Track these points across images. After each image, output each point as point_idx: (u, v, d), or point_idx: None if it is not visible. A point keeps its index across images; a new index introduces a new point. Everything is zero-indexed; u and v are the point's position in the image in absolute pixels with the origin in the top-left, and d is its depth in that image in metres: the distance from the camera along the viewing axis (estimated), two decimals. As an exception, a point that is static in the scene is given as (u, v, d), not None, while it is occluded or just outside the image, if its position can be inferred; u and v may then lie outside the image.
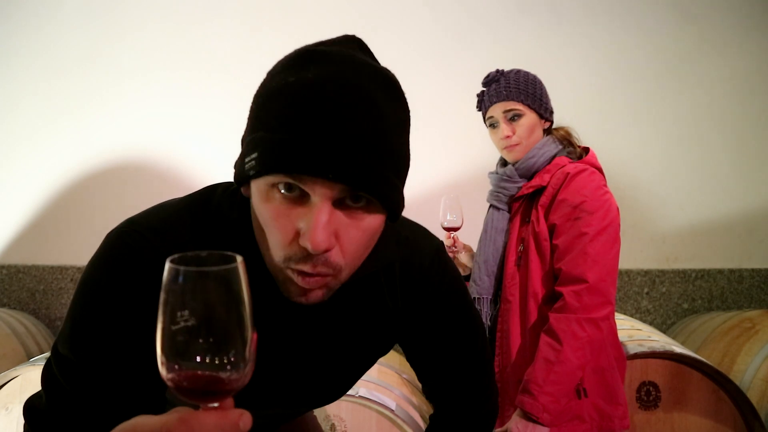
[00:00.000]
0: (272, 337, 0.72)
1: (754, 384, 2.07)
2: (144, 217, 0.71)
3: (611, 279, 1.38)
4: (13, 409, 1.71)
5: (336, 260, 0.61)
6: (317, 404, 0.93)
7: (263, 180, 0.60)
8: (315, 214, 0.58)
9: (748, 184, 2.79)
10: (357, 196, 0.60)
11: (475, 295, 1.58)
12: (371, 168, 0.58)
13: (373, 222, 0.63)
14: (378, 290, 0.80)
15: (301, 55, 0.63)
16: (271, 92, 0.61)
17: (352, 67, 0.60)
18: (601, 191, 1.43)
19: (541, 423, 1.33)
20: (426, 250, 0.84)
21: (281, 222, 0.60)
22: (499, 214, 1.59)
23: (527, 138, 1.50)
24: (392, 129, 0.62)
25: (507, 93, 1.49)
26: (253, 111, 0.64)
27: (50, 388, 0.68)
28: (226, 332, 0.41)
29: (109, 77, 2.64)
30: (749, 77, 2.79)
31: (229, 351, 0.41)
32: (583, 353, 1.34)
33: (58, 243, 2.66)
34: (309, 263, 0.60)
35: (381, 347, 0.87)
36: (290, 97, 0.58)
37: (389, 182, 0.61)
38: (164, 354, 0.41)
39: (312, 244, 0.57)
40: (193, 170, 2.65)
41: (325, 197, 0.58)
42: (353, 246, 0.62)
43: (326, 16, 2.65)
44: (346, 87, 0.58)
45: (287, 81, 0.60)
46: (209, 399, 0.42)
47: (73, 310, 0.67)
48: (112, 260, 0.67)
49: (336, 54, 0.62)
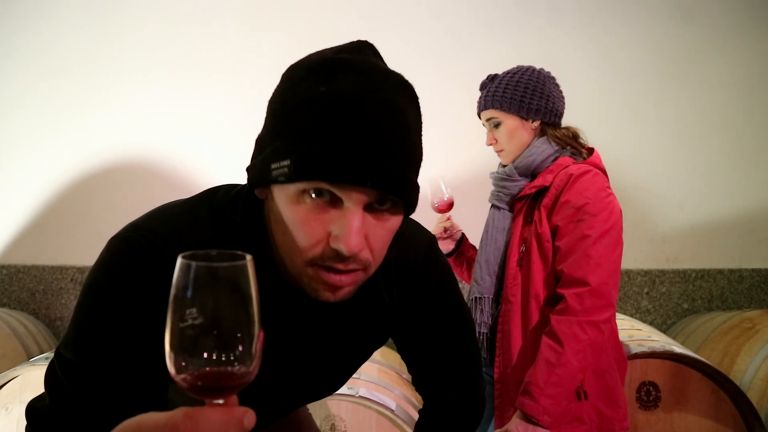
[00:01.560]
0: (271, 332, 0.73)
1: (754, 384, 2.07)
2: (147, 221, 0.71)
3: (613, 282, 1.38)
4: (13, 409, 1.71)
5: (366, 257, 0.64)
6: (313, 398, 0.94)
7: (293, 185, 0.62)
8: (349, 218, 0.61)
9: (748, 184, 2.79)
10: (383, 200, 0.64)
11: (476, 295, 1.57)
12: (402, 174, 0.63)
13: (396, 222, 0.67)
14: (375, 285, 0.82)
15: (326, 63, 0.64)
16: (299, 101, 0.63)
17: (378, 78, 0.64)
18: (604, 193, 1.42)
19: (541, 425, 1.33)
20: (420, 245, 0.87)
21: (311, 225, 0.63)
22: (500, 213, 1.59)
23: (509, 143, 1.54)
24: (414, 133, 0.67)
25: (485, 102, 1.55)
26: (279, 117, 0.65)
27: (54, 390, 0.69)
28: (234, 329, 0.42)
29: (109, 77, 2.64)
30: (749, 77, 2.79)
31: (236, 348, 0.42)
32: (584, 356, 1.34)
33: (58, 243, 2.66)
34: (340, 263, 0.63)
35: (376, 340, 0.90)
36: (323, 108, 0.61)
37: (412, 184, 0.66)
38: (172, 349, 0.41)
39: (347, 248, 0.60)
40: (193, 170, 2.65)
41: (358, 202, 0.62)
42: (380, 245, 0.66)
43: (326, 16, 2.65)
44: (378, 99, 0.62)
45: (319, 91, 0.62)
46: (215, 395, 0.43)
47: (77, 315, 0.68)
48: (118, 266, 0.67)
49: (361, 64, 0.65)
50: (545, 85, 1.52)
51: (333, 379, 0.90)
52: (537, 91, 1.51)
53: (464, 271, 1.79)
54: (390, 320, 0.86)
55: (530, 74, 1.53)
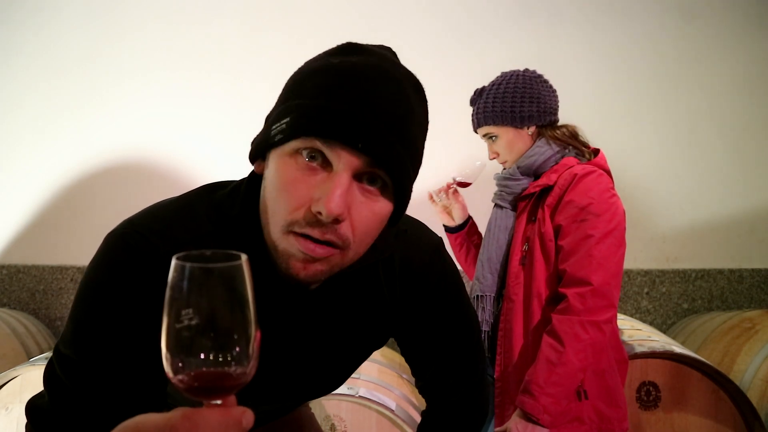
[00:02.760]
0: (271, 328, 0.73)
1: (754, 384, 2.07)
2: (143, 217, 0.71)
3: (615, 282, 1.38)
4: (13, 409, 1.71)
5: (345, 232, 0.63)
6: (310, 396, 0.94)
7: (288, 145, 0.62)
8: (335, 180, 0.60)
9: (748, 184, 2.79)
10: (374, 179, 0.64)
11: (478, 293, 1.57)
12: (395, 149, 0.62)
13: (383, 208, 0.66)
14: (376, 283, 0.81)
15: (344, 46, 0.68)
16: (311, 70, 0.65)
17: (391, 64, 0.66)
18: (608, 194, 1.43)
19: (540, 424, 1.33)
20: (426, 246, 0.86)
21: (297, 187, 0.62)
22: (503, 212, 1.60)
23: (510, 154, 1.56)
24: (417, 125, 0.66)
25: (478, 120, 1.57)
26: (288, 86, 0.67)
27: (53, 387, 0.69)
28: (231, 330, 0.41)
29: (109, 77, 2.64)
30: (749, 77, 2.79)
31: (233, 348, 0.41)
32: (585, 355, 1.34)
33: (58, 243, 2.66)
34: (317, 229, 0.61)
35: (377, 340, 0.89)
36: (332, 73, 0.63)
37: (406, 169, 0.65)
38: (169, 351, 0.41)
39: (327, 209, 0.59)
40: (193, 170, 2.65)
41: (348, 166, 0.61)
42: (363, 225, 0.64)
43: (326, 16, 2.65)
44: (386, 76, 0.63)
45: (330, 62, 0.64)
46: (213, 396, 0.43)
47: (75, 312, 0.68)
48: (114, 262, 0.67)
49: (377, 51, 0.67)
50: (532, 87, 1.52)
51: (331, 377, 0.90)
52: (526, 97, 1.51)
53: (462, 253, 1.77)
54: (391, 320, 0.86)
55: (516, 81, 1.52)
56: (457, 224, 1.76)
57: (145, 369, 0.65)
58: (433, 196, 1.74)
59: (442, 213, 1.76)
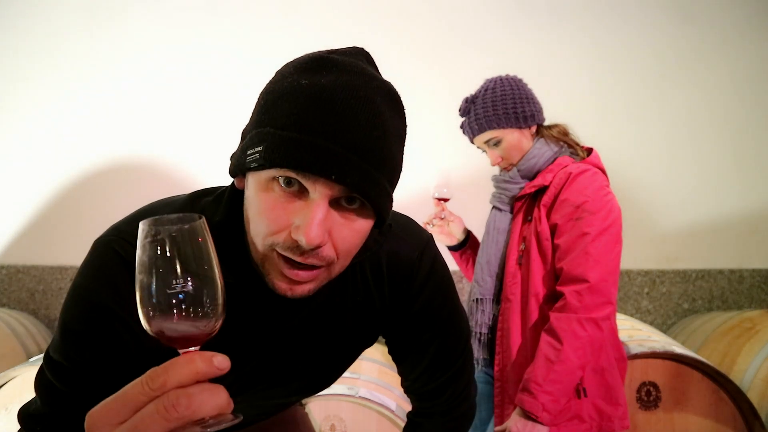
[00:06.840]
0: (253, 329, 0.74)
1: (754, 384, 2.07)
2: (128, 223, 0.72)
3: (613, 279, 1.38)
4: (13, 409, 1.71)
5: (328, 254, 0.64)
6: (301, 395, 0.94)
7: (265, 172, 0.62)
8: (313, 210, 0.61)
9: (748, 184, 2.79)
10: (352, 199, 0.63)
11: (477, 296, 1.58)
12: (370, 174, 0.61)
13: (364, 225, 0.66)
14: (363, 282, 0.81)
15: (314, 60, 0.65)
16: (282, 91, 0.63)
17: (363, 79, 0.63)
18: (603, 192, 1.43)
19: (540, 422, 1.33)
20: (415, 243, 0.85)
21: (276, 213, 0.62)
22: (501, 214, 1.60)
23: (516, 156, 1.54)
24: (393, 141, 0.65)
25: (478, 126, 1.53)
26: (261, 107, 0.66)
27: (44, 391, 0.70)
28: (198, 281, 0.47)
29: (109, 77, 2.64)
30: (749, 77, 2.79)
31: (203, 297, 0.47)
32: (584, 353, 1.34)
33: (58, 243, 2.66)
34: (299, 255, 0.62)
35: (365, 338, 0.88)
36: (301, 99, 0.61)
37: (383, 189, 0.64)
38: (142, 305, 0.47)
39: (306, 239, 0.60)
40: (193, 170, 2.65)
41: (323, 195, 0.61)
42: (345, 244, 0.65)
43: (326, 16, 2.66)
44: (357, 97, 0.61)
45: (300, 83, 0.62)
46: (188, 345, 0.48)
47: (63, 317, 0.69)
48: (100, 268, 0.69)
49: (348, 64, 0.64)
50: (524, 89, 1.54)
51: (319, 376, 0.89)
52: (523, 98, 1.52)
53: (470, 267, 1.78)
54: (379, 317, 0.85)
55: (508, 84, 1.53)
56: (459, 240, 1.75)
57: (135, 371, 0.65)
58: (429, 225, 1.73)
59: (441, 234, 1.75)
